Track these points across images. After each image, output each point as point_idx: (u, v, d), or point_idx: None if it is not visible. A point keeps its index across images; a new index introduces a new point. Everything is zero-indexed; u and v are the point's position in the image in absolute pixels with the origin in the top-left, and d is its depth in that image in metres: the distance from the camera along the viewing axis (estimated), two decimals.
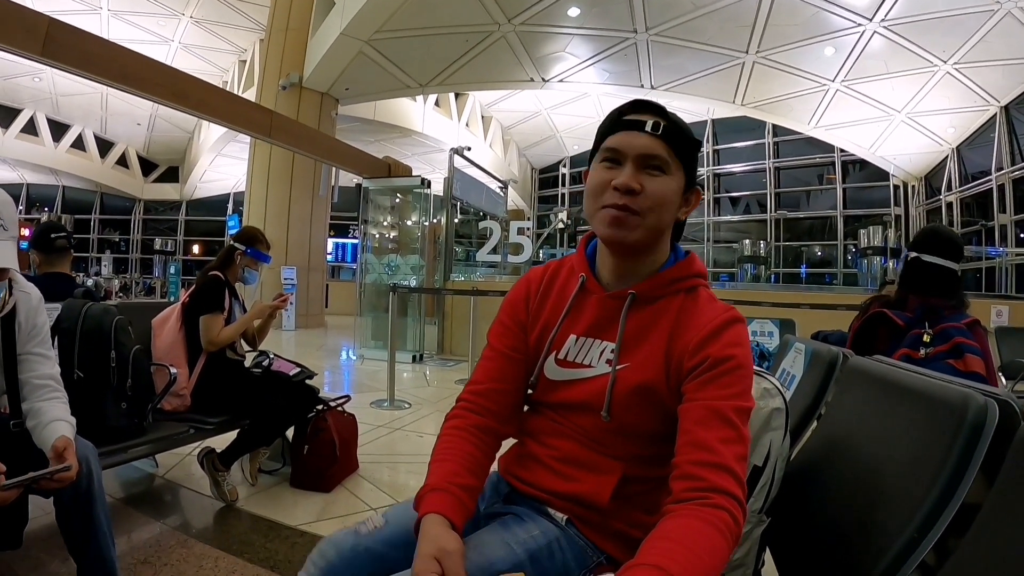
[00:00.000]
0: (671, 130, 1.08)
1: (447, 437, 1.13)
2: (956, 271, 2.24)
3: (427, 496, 1.00)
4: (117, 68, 6.76)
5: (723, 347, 1.03)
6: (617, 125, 1.10)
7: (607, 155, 1.10)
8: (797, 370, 1.81)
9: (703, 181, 19.93)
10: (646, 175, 1.06)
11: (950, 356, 2.01)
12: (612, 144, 1.09)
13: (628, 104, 1.12)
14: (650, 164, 1.07)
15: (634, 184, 1.05)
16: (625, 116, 1.10)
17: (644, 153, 1.06)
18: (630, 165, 1.07)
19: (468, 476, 1.06)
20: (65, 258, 3.14)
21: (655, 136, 1.06)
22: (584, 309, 1.17)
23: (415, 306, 8.95)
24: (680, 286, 1.13)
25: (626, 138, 1.08)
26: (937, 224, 6.10)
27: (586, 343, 1.15)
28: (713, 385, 1.00)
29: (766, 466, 1.24)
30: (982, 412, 0.90)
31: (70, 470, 1.56)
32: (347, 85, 12.50)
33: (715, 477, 0.91)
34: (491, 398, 1.18)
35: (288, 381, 3.22)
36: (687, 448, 0.96)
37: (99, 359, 2.33)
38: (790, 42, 12.31)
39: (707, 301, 1.12)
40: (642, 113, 1.09)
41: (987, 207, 13.79)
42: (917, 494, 0.93)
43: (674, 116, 1.11)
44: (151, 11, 16.67)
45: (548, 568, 1.06)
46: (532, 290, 1.25)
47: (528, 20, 11.66)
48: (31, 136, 20.73)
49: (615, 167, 1.08)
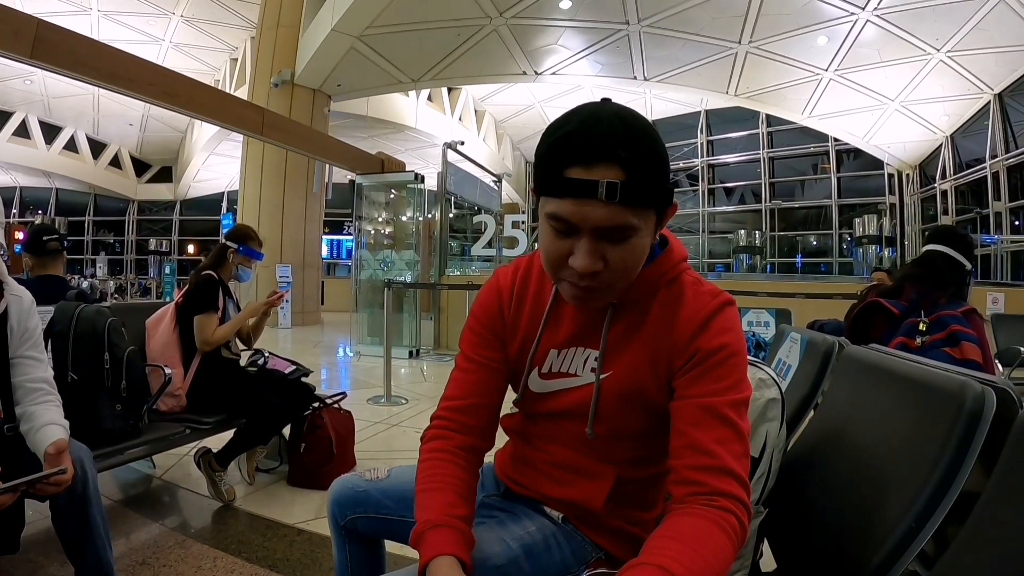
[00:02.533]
0: (633, 186, 0.83)
1: (432, 462, 1.05)
2: (966, 267, 2.25)
3: (429, 535, 0.92)
4: (107, 68, 6.71)
5: (712, 336, 0.96)
6: (562, 185, 0.85)
7: (556, 224, 0.89)
8: (793, 360, 1.81)
9: (696, 170, 19.94)
10: (608, 245, 0.88)
11: (946, 344, 2.01)
12: (559, 213, 0.87)
13: (571, 142, 0.85)
14: (612, 236, 0.87)
15: (596, 266, 0.88)
16: (570, 170, 0.84)
17: (602, 226, 0.86)
18: (587, 239, 0.87)
19: (465, 506, 0.99)
20: (58, 260, 3.13)
21: (613, 204, 0.83)
22: (563, 319, 1.09)
23: (411, 302, 8.94)
24: (660, 283, 1.02)
25: (576, 209, 0.85)
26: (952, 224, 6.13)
27: (568, 352, 1.08)
28: (705, 379, 0.94)
29: (762, 457, 1.24)
30: (979, 400, 0.89)
31: (66, 473, 1.55)
32: (339, 81, 12.45)
33: (716, 481, 0.87)
34: (471, 413, 1.10)
35: (284, 379, 3.22)
36: (683, 452, 0.92)
37: (93, 361, 2.31)
38: (783, 32, 12.31)
39: (692, 288, 1.02)
40: (592, 165, 0.83)
41: (982, 195, 13.83)
42: (915, 483, 0.92)
43: (634, 151, 0.84)
44: (141, 11, 16.60)
45: (546, 563, 1.05)
46: (505, 299, 1.14)
47: (520, 13, 11.63)
48: (23, 139, 20.68)
49: (568, 236, 0.89)
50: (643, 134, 0.86)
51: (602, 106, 0.89)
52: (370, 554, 1.32)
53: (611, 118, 0.85)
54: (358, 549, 1.29)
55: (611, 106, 0.89)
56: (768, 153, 18.90)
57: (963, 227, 13.15)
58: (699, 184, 20.05)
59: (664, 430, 0.98)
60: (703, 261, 19.67)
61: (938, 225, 2.31)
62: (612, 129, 0.84)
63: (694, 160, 19.99)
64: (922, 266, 2.32)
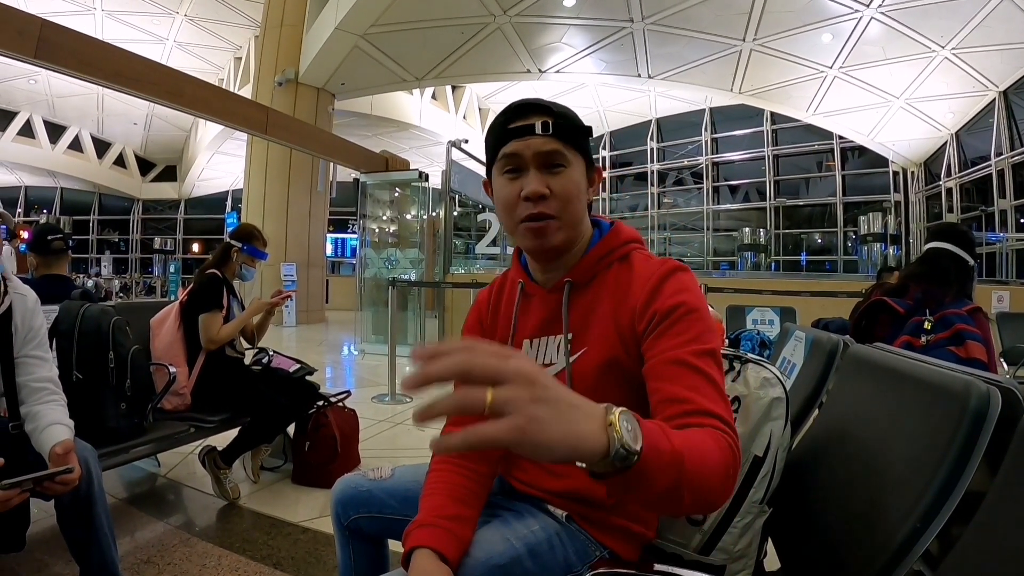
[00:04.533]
0: (560, 124, 1.07)
1: (435, 472, 1.14)
2: (969, 263, 2.24)
3: (413, 532, 1.01)
4: (111, 68, 6.75)
5: (667, 297, 1.02)
6: (508, 133, 1.09)
7: (507, 164, 1.10)
8: (798, 359, 1.80)
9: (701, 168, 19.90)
10: (549, 175, 1.07)
11: (951, 343, 2.00)
12: (509, 151, 1.09)
13: (511, 109, 1.11)
14: (550, 163, 1.08)
15: (542, 189, 1.06)
16: (512, 124, 1.09)
17: (542, 152, 1.07)
18: (532, 170, 1.07)
19: (457, 506, 1.06)
20: (62, 260, 3.14)
21: (547, 136, 1.06)
22: (530, 312, 1.21)
23: (415, 300, 8.95)
24: (611, 258, 1.14)
25: (520, 144, 1.08)
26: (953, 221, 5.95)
27: (540, 342, 1.18)
28: (666, 336, 0.99)
29: (767, 456, 1.23)
30: (984, 399, 0.88)
31: (73, 472, 1.55)
32: (343, 80, 12.46)
33: (697, 419, 0.87)
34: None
35: (288, 378, 3.23)
36: (660, 407, 0.93)
37: (97, 360, 2.32)
38: (787, 29, 12.25)
39: (642, 262, 1.12)
40: (528, 116, 1.09)
41: (987, 192, 13.74)
42: (920, 483, 0.92)
43: (558, 108, 1.10)
44: (145, 10, 16.62)
45: (549, 562, 1.05)
46: (483, 312, 1.31)
47: (524, 11, 11.60)
48: (28, 138, 20.73)
49: (518, 175, 1.09)
50: (562, 107, 1.11)
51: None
52: (373, 554, 1.33)
53: (537, 99, 1.11)
54: (361, 549, 1.30)
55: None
56: (772, 151, 18.82)
57: (965, 224, 13.07)
58: (703, 182, 19.97)
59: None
60: (707, 259, 19.61)
61: (939, 222, 2.28)
62: (539, 100, 1.11)
63: (698, 158, 19.92)
64: (925, 264, 2.31)
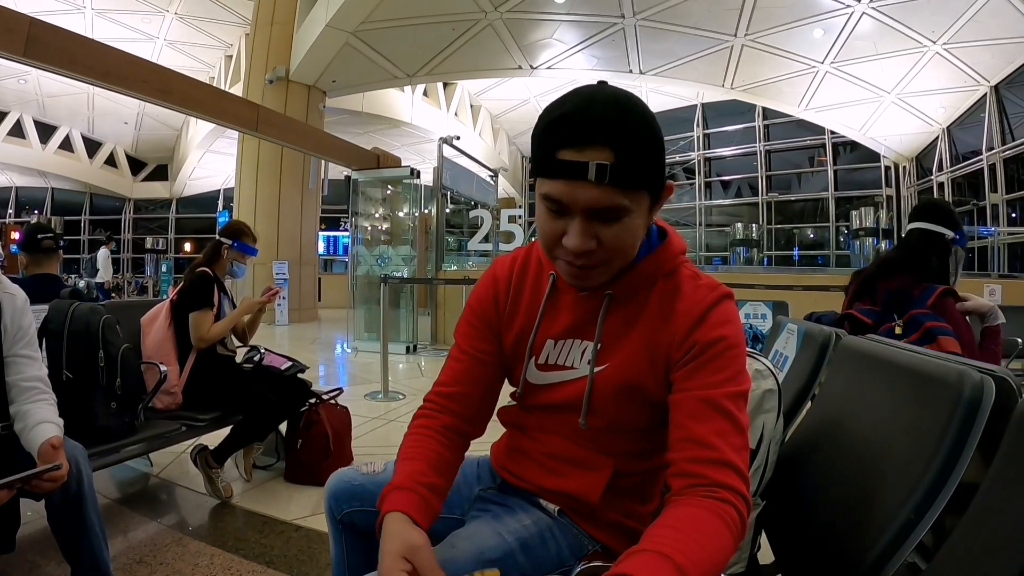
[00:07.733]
0: (623, 168, 0.85)
1: (414, 436, 1.09)
2: (947, 235, 2.20)
3: (391, 495, 0.96)
4: (100, 66, 6.70)
5: (711, 329, 0.95)
6: (555, 166, 0.87)
7: (549, 204, 0.91)
8: (790, 351, 1.80)
9: (693, 164, 19.93)
10: (601, 225, 0.90)
11: (924, 342, 1.99)
12: (551, 194, 0.89)
13: (562, 122, 0.87)
14: (604, 217, 0.89)
15: (588, 245, 0.90)
16: (562, 152, 0.86)
17: (593, 208, 0.87)
18: (579, 220, 0.89)
19: (434, 475, 1.02)
20: (53, 259, 3.12)
21: (603, 186, 0.85)
22: (560, 310, 1.09)
23: (407, 297, 8.94)
24: (658, 275, 1.02)
25: (567, 190, 0.87)
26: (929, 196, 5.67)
27: (565, 344, 1.09)
28: (704, 371, 0.94)
29: (759, 449, 1.23)
30: (978, 389, 0.88)
31: (61, 469, 1.54)
32: (334, 77, 12.41)
33: (716, 474, 0.87)
34: (459, 401, 1.12)
35: (280, 375, 3.21)
36: (682, 444, 0.91)
37: (87, 359, 2.30)
38: (779, 24, 12.28)
39: (689, 281, 1.02)
40: (583, 147, 0.84)
41: (978, 187, 13.83)
42: (914, 474, 0.91)
43: (626, 134, 0.86)
44: (135, 8, 16.49)
45: (541, 556, 1.05)
46: (501, 289, 1.16)
47: (515, 7, 11.58)
48: (18, 139, 20.57)
49: (562, 216, 0.91)
50: (637, 117, 0.88)
51: (598, 89, 0.90)
52: (367, 548, 1.31)
53: (605, 101, 0.87)
54: (355, 543, 1.28)
55: (607, 89, 0.90)
56: (764, 146, 18.87)
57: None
58: (696, 177, 20.01)
59: (664, 424, 0.97)
60: (700, 254, 19.65)
61: (917, 203, 2.24)
62: (605, 112, 0.86)
63: (690, 154, 19.95)
64: (902, 248, 2.29)
